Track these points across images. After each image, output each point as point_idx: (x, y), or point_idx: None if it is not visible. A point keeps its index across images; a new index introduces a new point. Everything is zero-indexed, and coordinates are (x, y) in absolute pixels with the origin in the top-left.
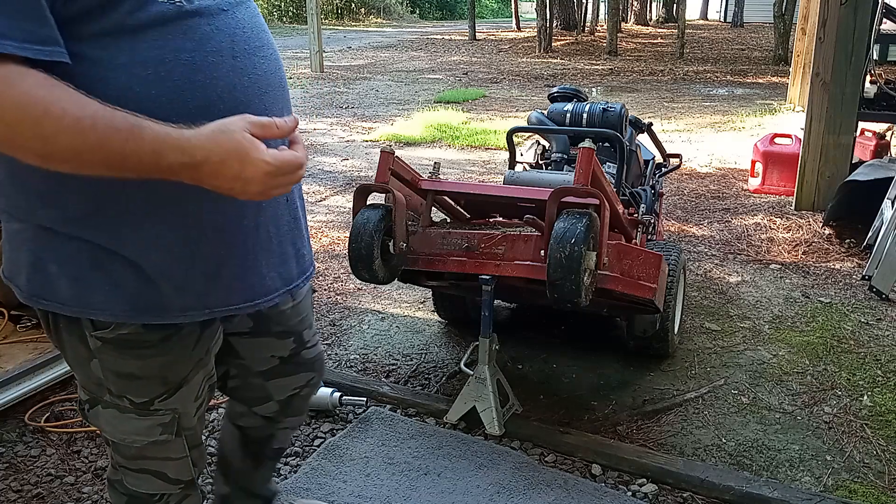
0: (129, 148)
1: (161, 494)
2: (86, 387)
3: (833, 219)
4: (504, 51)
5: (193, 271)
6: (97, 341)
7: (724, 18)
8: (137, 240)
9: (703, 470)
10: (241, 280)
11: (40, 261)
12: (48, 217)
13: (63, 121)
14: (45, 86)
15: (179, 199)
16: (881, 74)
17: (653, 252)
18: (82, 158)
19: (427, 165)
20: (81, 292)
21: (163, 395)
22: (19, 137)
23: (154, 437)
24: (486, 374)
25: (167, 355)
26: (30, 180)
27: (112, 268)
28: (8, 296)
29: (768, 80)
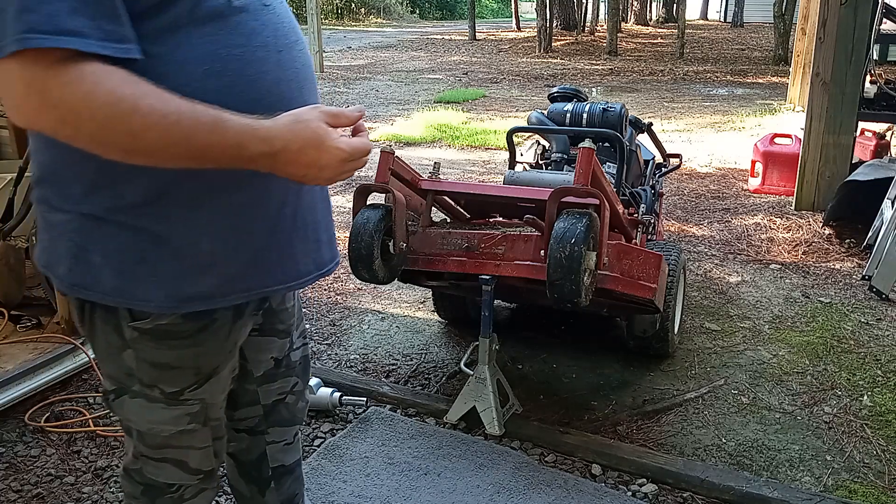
0: (214, 140)
1: (178, 485)
2: (113, 376)
3: (833, 219)
4: (504, 51)
5: (237, 257)
6: (134, 332)
7: (724, 18)
8: (189, 228)
9: (703, 470)
10: (279, 264)
11: (84, 251)
12: (100, 206)
13: (151, 117)
14: (131, 82)
15: (229, 187)
16: (881, 74)
17: (653, 252)
18: (167, 152)
19: (427, 165)
20: (125, 283)
21: (193, 385)
22: (110, 134)
23: (182, 426)
24: (486, 374)
25: (201, 346)
26: (86, 169)
27: (158, 258)
28: (8, 296)
29: (768, 80)
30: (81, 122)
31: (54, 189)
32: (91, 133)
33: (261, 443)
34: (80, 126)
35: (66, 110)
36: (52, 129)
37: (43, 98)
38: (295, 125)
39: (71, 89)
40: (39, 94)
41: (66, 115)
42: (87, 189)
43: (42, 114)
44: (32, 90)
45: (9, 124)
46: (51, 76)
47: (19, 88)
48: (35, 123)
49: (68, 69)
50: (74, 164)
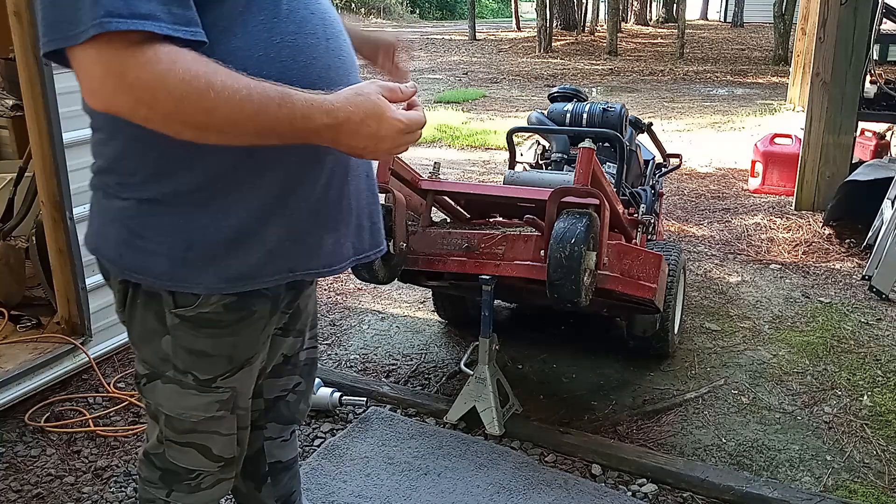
0: (283, 113)
1: (198, 472)
2: (147, 361)
3: (833, 219)
4: (504, 51)
5: (285, 239)
6: (175, 318)
7: (724, 18)
8: (240, 211)
9: (703, 470)
10: (321, 247)
11: (138, 236)
12: (158, 192)
13: (223, 93)
14: (203, 62)
15: (282, 171)
16: (881, 74)
17: (653, 252)
18: (238, 128)
19: (427, 165)
20: (176, 268)
21: (226, 373)
22: (184, 111)
23: (211, 413)
24: (486, 374)
25: (239, 335)
26: (148, 158)
27: (209, 242)
28: (8, 296)
29: (768, 80)
30: (157, 101)
31: (115, 177)
32: (167, 111)
33: (259, 437)
34: (155, 105)
35: (142, 90)
36: (128, 109)
37: (120, 79)
38: (356, 98)
39: (148, 69)
40: (117, 76)
41: (142, 95)
42: (146, 177)
43: (119, 95)
44: (110, 72)
45: (9, 124)
46: (128, 57)
47: (97, 72)
48: (112, 105)
49: (144, 50)
50: (137, 153)
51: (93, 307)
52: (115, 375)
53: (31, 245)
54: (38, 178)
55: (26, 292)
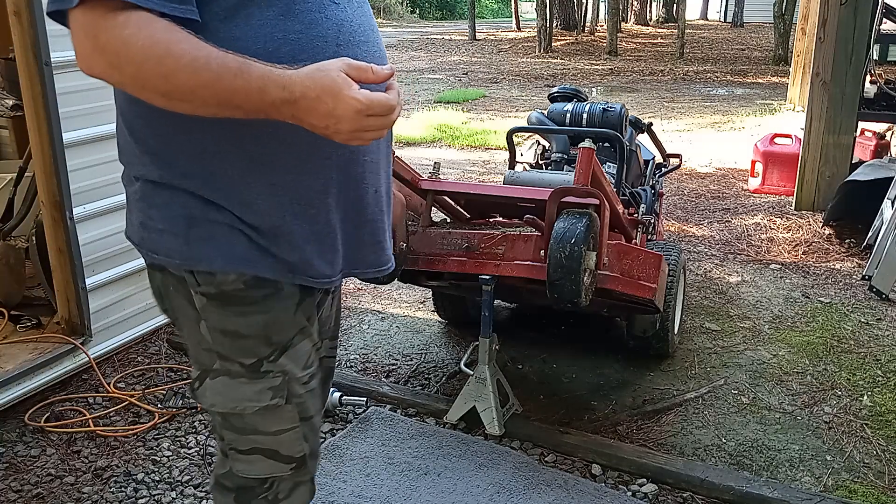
0: (238, 84)
1: (272, 480)
2: (198, 358)
3: (833, 219)
4: (504, 51)
5: (277, 237)
6: (202, 298)
7: (724, 18)
8: (233, 202)
9: (703, 470)
10: (320, 256)
11: (149, 218)
12: (157, 174)
13: (182, 59)
14: (170, 30)
15: (271, 169)
16: (881, 74)
17: (653, 252)
18: (197, 95)
19: (427, 165)
20: (182, 246)
21: (269, 355)
22: (144, 75)
23: (265, 401)
24: (486, 374)
25: (268, 313)
26: (146, 136)
27: (207, 221)
28: (8, 296)
29: (768, 80)
30: (122, 65)
31: (126, 159)
32: (132, 75)
33: None
34: (122, 68)
35: (110, 53)
36: (103, 73)
37: (94, 42)
38: (315, 73)
39: (115, 32)
40: (92, 39)
41: (111, 58)
42: (147, 157)
43: (94, 57)
44: (87, 35)
45: (9, 124)
46: (100, 21)
47: (79, 35)
48: (90, 67)
49: (116, 15)
50: (136, 132)
51: (93, 307)
52: (115, 375)
53: (31, 245)
54: (38, 178)
55: (26, 292)
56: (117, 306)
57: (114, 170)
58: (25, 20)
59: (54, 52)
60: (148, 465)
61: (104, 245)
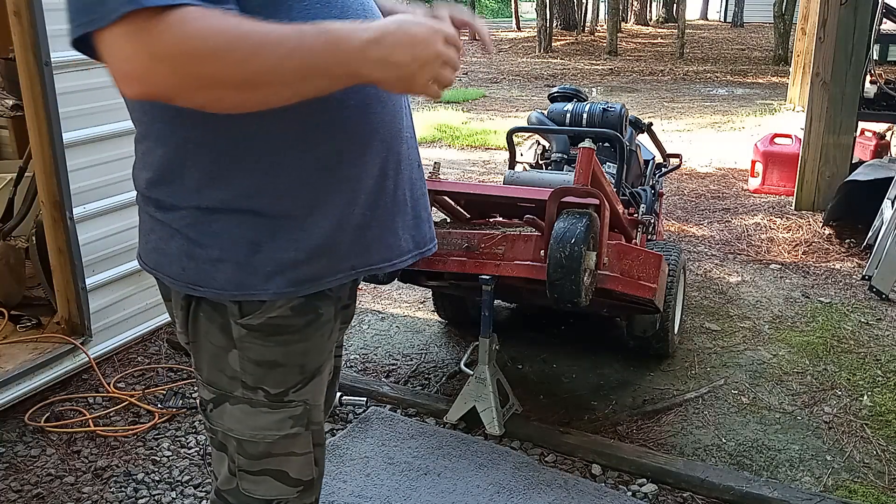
0: (323, 41)
1: (277, 501)
2: (214, 383)
3: (833, 219)
4: (504, 51)
5: (345, 234)
6: (242, 329)
7: (724, 18)
8: (298, 209)
9: (703, 470)
10: (380, 240)
11: (199, 246)
12: (215, 197)
13: (257, 34)
14: (228, 14)
15: (335, 164)
16: (881, 74)
17: (653, 252)
18: (281, 70)
19: (427, 165)
20: (244, 275)
21: (297, 385)
22: (221, 67)
23: (285, 430)
24: (486, 374)
25: (308, 341)
26: (200, 161)
27: (273, 244)
28: (8, 296)
29: (768, 80)
30: (192, 63)
31: (168, 188)
32: (205, 73)
33: None
34: (190, 69)
35: (176, 55)
36: (166, 84)
37: (152, 51)
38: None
39: (173, 32)
40: (148, 49)
41: (176, 63)
42: (202, 182)
43: (153, 70)
44: (141, 47)
45: (9, 124)
46: (153, 26)
47: (127, 51)
48: (147, 83)
49: (168, 15)
50: (187, 158)
51: (93, 307)
52: (115, 375)
53: (31, 245)
54: (38, 178)
55: (26, 292)
56: (117, 306)
57: (114, 170)
58: (25, 20)
59: (54, 52)
60: (148, 465)
61: (104, 245)
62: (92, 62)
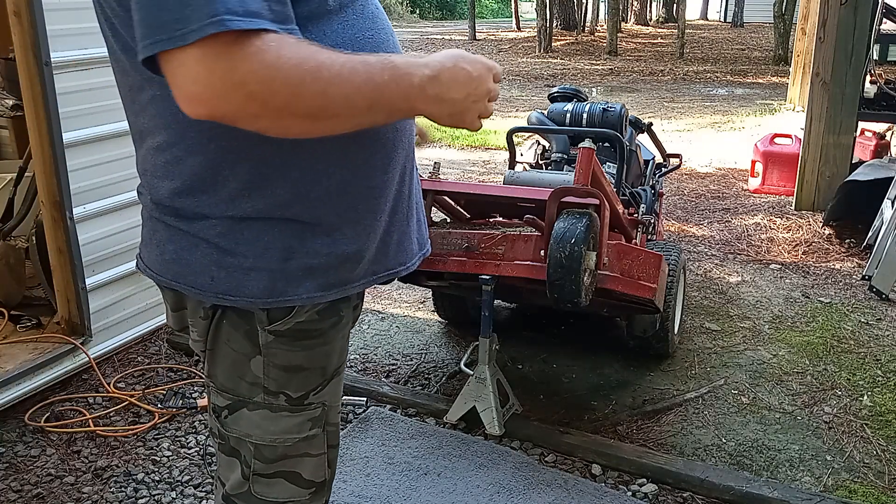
0: (388, 77)
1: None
2: (231, 390)
3: (833, 219)
4: (504, 51)
5: (374, 241)
6: (269, 335)
7: (724, 18)
8: (333, 217)
9: (703, 470)
10: (399, 245)
11: (231, 255)
12: (251, 206)
13: (333, 68)
14: (303, 42)
15: (369, 173)
16: (881, 74)
17: (653, 252)
18: (351, 103)
19: (427, 165)
20: (276, 282)
21: (318, 387)
22: (301, 97)
23: (305, 433)
24: (486, 374)
25: (331, 344)
26: (235, 173)
27: (306, 252)
28: (8, 296)
29: (768, 80)
30: (273, 93)
31: (198, 198)
32: (281, 103)
33: None
34: (271, 97)
35: (256, 83)
36: (237, 109)
37: (229, 77)
38: (440, 52)
39: (258, 59)
40: (225, 74)
41: (255, 89)
42: (238, 191)
43: (227, 95)
44: (216, 71)
45: (9, 124)
46: (235, 52)
47: (201, 73)
48: (218, 108)
49: (250, 42)
50: (224, 168)
51: (93, 307)
52: (115, 375)
53: (31, 245)
54: (38, 178)
55: (26, 292)
56: (117, 306)
57: (114, 170)
58: (25, 20)
59: (54, 52)
60: (148, 465)
61: (104, 245)
62: (92, 62)
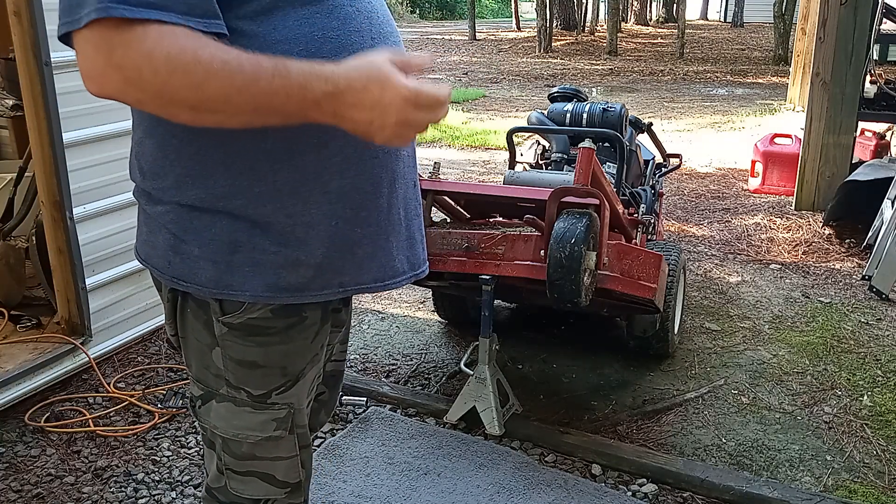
0: (277, 84)
1: (265, 500)
2: (202, 380)
3: (833, 219)
4: (504, 51)
5: (332, 249)
6: (223, 327)
7: (724, 18)
8: (284, 216)
9: (703, 470)
10: (373, 259)
11: (182, 242)
12: (195, 195)
13: (212, 65)
14: (192, 36)
15: (323, 176)
16: (881, 74)
17: (653, 252)
18: (232, 103)
19: (427, 165)
20: (220, 274)
21: (280, 387)
22: (173, 88)
23: (268, 432)
24: (486, 374)
25: (289, 344)
26: (181, 157)
27: (253, 248)
28: (8, 296)
29: (768, 80)
30: (144, 80)
31: (153, 181)
32: (156, 90)
33: None
34: (143, 85)
35: (129, 69)
36: (118, 91)
37: (108, 59)
38: (360, 63)
39: (134, 47)
40: (105, 56)
41: (129, 74)
42: (182, 178)
43: (107, 76)
44: (99, 52)
45: (9, 124)
46: (115, 36)
47: (89, 53)
48: (103, 87)
49: (132, 29)
50: (170, 153)
51: (93, 307)
52: (115, 375)
53: (31, 245)
54: (38, 178)
55: (26, 292)
56: (117, 306)
57: (114, 170)
58: (25, 20)
59: (54, 52)
60: (148, 465)
61: (104, 245)
62: None
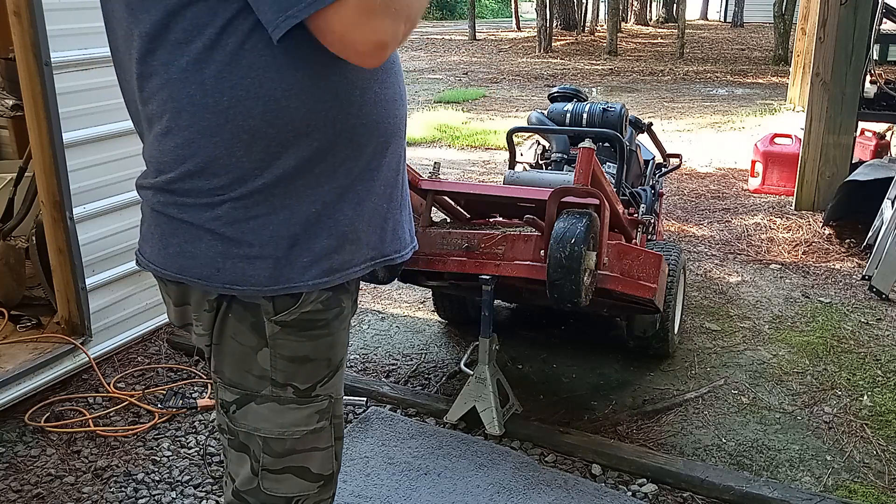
0: None
1: (296, 498)
2: (239, 384)
3: (833, 219)
4: (504, 51)
5: (370, 224)
6: (275, 326)
7: (724, 18)
8: (332, 199)
9: (703, 470)
10: (395, 232)
11: (236, 243)
12: (253, 186)
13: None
14: None
15: (369, 149)
16: (881, 74)
17: (653, 252)
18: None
19: (427, 165)
20: (281, 269)
21: (324, 378)
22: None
23: (312, 425)
24: (486, 374)
25: (335, 335)
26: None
27: (309, 236)
28: (8, 296)
29: (768, 80)
30: (401, 11)
31: (211, 179)
32: (408, 15)
33: None
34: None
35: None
36: (392, 33)
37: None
38: None
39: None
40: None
41: (392, 12)
42: (249, 171)
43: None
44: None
45: (9, 124)
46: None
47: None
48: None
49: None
50: (241, 147)
51: (93, 307)
52: (115, 375)
53: (31, 245)
54: (38, 178)
55: (26, 292)
56: (117, 306)
57: (114, 170)
58: (25, 20)
59: (54, 52)
60: (148, 465)
61: (104, 245)
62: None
